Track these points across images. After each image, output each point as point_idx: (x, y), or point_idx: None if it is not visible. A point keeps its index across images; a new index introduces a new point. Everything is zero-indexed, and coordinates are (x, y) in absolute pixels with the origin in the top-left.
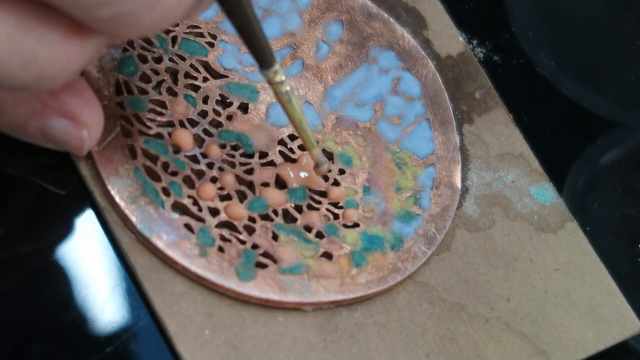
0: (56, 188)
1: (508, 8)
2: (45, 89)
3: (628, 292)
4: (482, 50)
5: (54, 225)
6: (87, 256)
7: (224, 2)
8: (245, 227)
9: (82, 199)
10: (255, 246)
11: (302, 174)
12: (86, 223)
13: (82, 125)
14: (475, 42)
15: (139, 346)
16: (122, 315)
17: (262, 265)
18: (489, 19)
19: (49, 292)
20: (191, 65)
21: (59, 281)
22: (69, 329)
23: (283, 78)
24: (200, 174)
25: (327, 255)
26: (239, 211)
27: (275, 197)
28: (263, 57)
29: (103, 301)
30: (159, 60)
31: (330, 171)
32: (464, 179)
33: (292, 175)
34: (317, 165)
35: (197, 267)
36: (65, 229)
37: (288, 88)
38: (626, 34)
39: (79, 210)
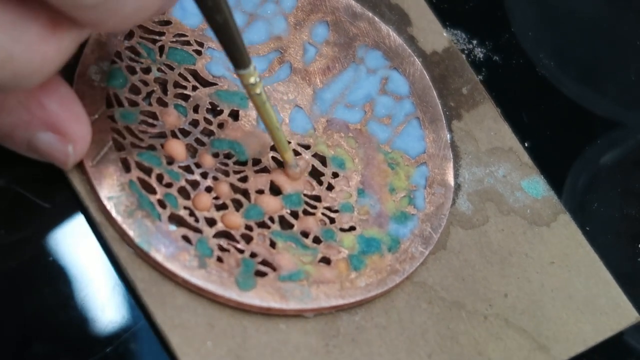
0: (42, 200)
1: (508, 8)
2: (22, 88)
3: (628, 292)
4: (482, 50)
5: (54, 225)
6: (87, 256)
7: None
8: (243, 235)
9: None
10: (253, 255)
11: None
12: (87, 223)
13: (68, 140)
14: (475, 42)
15: (139, 346)
16: (122, 315)
17: (261, 274)
18: (489, 19)
19: (48, 292)
20: (180, 74)
21: (58, 281)
22: (69, 329)
23: (258, 80)
24: (194, 184)
25: (326, 260)
26: (235, 220)
27: (270, 204)
28: (239, 58)
29: (103, 301)
30: (147, 70)
31: (298, 175)
32: (455, 176)
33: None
34: (289, 168)
35: (197, 278)
36: (65, 229)
37: (263, 89)
38: (626, 34)
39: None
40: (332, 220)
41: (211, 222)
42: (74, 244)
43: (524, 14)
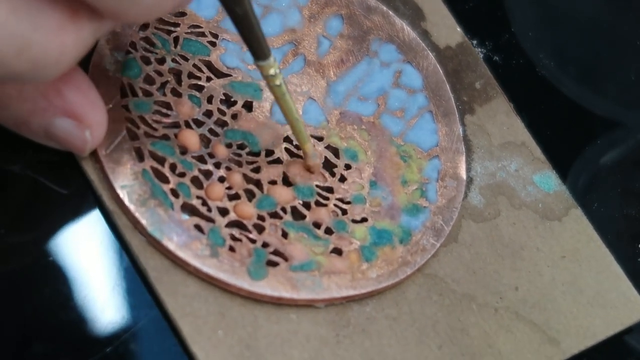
0: (58, 187)
1: (508, 8)
2: (41, 79)
3: None
4: (482, 50)
5: (54, 225)
6: (87, 256)
7: None
8: (255, 225)
9: (84, 198)
10: (265, 244)
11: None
12: (87, 223)
13: (86, 126)
14: (475, 42)
15: (139, 346)
16: (122, 315)
17: (273, 264)
18: (489, 19)
19: (48, 292)
20: (194, 65)
21: (59, 281)
22: (69, 329)
23: (278, 71)
24: (208, 174)
25: (337, 251)
26: (248, 210)
27: (283, 195)
28: (259, 49)
29: (103, 301)
30: (162, 61)
31: (319, 166)
32: (468, 169)
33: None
34: (309, 158)
35: (209, 267)
36: (65, 229)
37: (282, 81)
38: (626, 34)
39: (79, 210)
40: (344, 212)
41: (224, 211)
42: (76, 242)
43: (524, 14)
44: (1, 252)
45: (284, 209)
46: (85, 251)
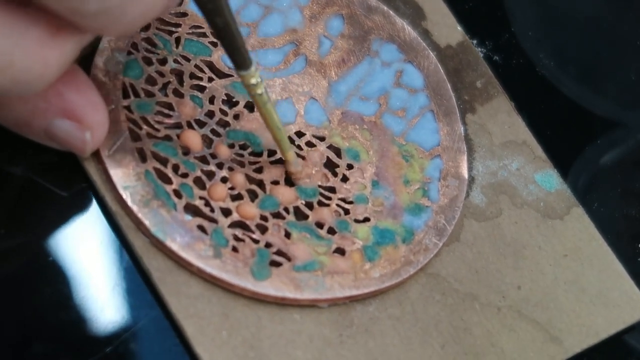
0: (58, 188)
1: (508, 8)
2: (26, 94)
3: None
4: (482, 50)
5: (54, 225)
6: (87, 256)
7: (203, 2)
8: (258, 226)
9: (84, 198)
10: (268, 245)
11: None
12: (87, 223)
13: (86, 127)
14: (475, 41)
15: (139, 346)
16: (122, 315)
17: (276, 264)
18: (489, 19)
19: (48, 292)
20: (196, 66)
21: (58, 281)
22: (69, 329)
23: (259, 80)
24: (210, 175)
25: (340, 251)
26: (250, 210)
27: (285, 195)
28: (240, 59)
29: (103, 301)
30: (163, 62)
31: (300, 174)
32: (469, 168)
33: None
34: (290, 165)
35: (212, 268)
36: (65, 229)
37: (264, 90)
38: (626, 34)
39: (79, 210)
40: (347, 212)
41: (226, 212)
42: (76, 242)
43: (524, 14)
44: (1, 252)
45: (286, 209)
46: (85, 251)
